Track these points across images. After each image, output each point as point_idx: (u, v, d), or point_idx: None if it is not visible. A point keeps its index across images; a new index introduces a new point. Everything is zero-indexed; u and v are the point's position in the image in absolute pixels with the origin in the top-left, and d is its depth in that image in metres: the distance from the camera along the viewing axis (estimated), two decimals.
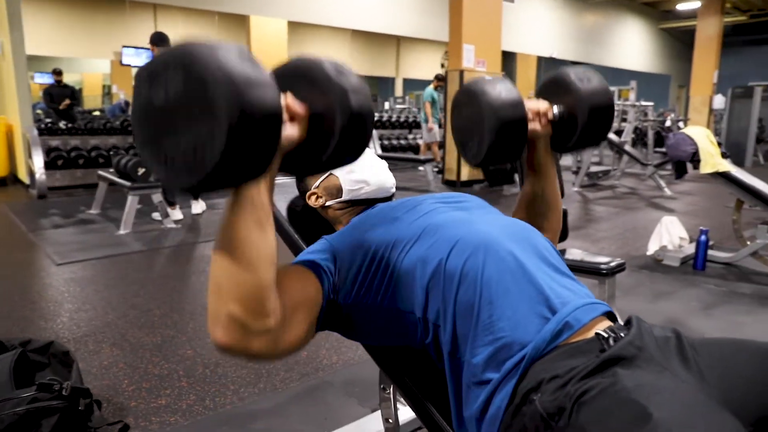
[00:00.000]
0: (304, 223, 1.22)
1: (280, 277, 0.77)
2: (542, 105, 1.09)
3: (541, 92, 1.14)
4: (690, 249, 3.63)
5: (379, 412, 1.68)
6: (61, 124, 6.46)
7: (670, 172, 7.70)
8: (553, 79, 1.13)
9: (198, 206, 4.97)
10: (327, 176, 1.11)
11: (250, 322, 0.70)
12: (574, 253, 2.44)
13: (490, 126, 1.00)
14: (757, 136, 10.03)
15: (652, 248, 3.71)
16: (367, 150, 1.13)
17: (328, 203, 1.12)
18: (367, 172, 1.10)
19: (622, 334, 0.78)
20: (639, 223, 4.94)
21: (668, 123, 9.71)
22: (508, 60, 14.46)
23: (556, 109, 1.09)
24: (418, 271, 0.86)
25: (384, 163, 1.16)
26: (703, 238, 3.44)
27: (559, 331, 0.78)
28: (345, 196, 1.10)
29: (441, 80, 7.79)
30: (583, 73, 1.10)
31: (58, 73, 7.86)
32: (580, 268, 2.28)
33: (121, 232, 4.23)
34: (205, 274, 3.31)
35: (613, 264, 2.27)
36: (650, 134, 7.41)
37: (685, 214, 5.23)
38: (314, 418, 1.81)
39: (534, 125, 1.08)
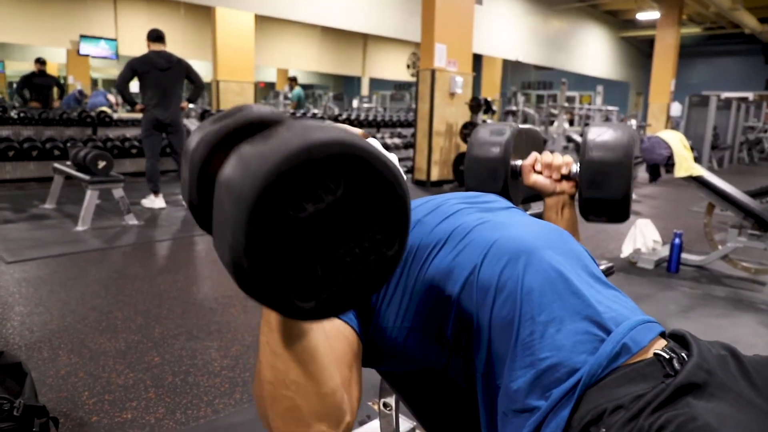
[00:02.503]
0: None
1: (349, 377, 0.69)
2: (558, 158, 1.03)
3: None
4: (663, 252, 3.67)
5: (368, 425, 1.58)
6: (13, 113, 6.06)
7: (634, 176, 7.88)
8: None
9: (158, 201, 4.80)
10: None
11: (335, 428, 0.62)
12: None
13: (467, 159, 1.06)
14: (713, 143, 10.38)
15: (626, 251, 3.73)
16: (378, 145, 1.02)
17: None
18: None
19: (683, 355, 0.68)
20: (609, 225, 4.99)
21: (633, 126, 9.96)
22: (475, 62, 14.59)
23: (576, 166, 1.02)
24: (446, 282, 0.75)
25: (393, 156, 1.05)
26: (677, 240, 3.47)
27: (616, 353, 0.67)
28: None
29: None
30: (601, 126, 1.02)
31: (41, 62, 7.55)
32: None
33: (79, 228, 3.98)
34: (171, 274, 3.12)
35: (602, 268, 2.24)
36: None
37: (651, 217, 5.29)
38: None
39: (538, 178, 1.02)
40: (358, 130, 1.06)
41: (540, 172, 1.06)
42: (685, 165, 3.53)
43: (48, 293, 2.78)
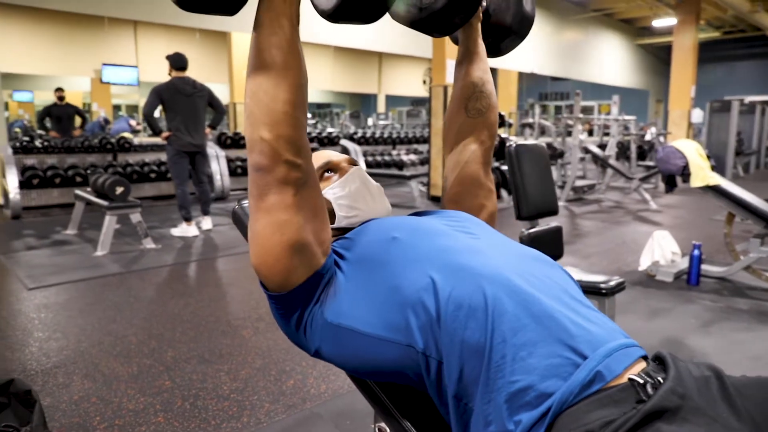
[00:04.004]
0: None
1: (315, 185, 0.83)
2: None
3: None
4: (683, 264, 3.59)
5: None
6: (37, 143, 6.26)
7: (654, 186, 7.75)
8: None
9: (191, 229, 4.81)
10: None
11: (280, 147, 0.76)
12: (571, 272, 2.36)
13: None
14: (736, 149, 10.16)
15: (644, 263, 3.65)
16: (363, 174, 1.03)
17: None
18: (362, 200, 0.99)
19: (659, 379, 0.68)
20: (627, 237, 4.91)
21: (648, 137, 9.81)
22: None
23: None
24: (417, 302, 0.75)
25: (380, 188, 1.05)
26: (696, 252, 3.39)
27: (589, 381, 0.67)
28: (338, 223, 0.98)
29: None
30: None
31: (60, 94, 7.78)
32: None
33: (98, 253, 4.06)
34: (185, 298, 3.16)
35: (612, 283, 2.20)
36: (633, 148, 7.45)
37: (672, 228, 5.21)
38: None
39: None
40: (343, 156, 1.07)
41: None
42: (702, 174, 3.47)
43: (66, 319, 2.84)
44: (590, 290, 2.17)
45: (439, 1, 0.97)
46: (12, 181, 5.56)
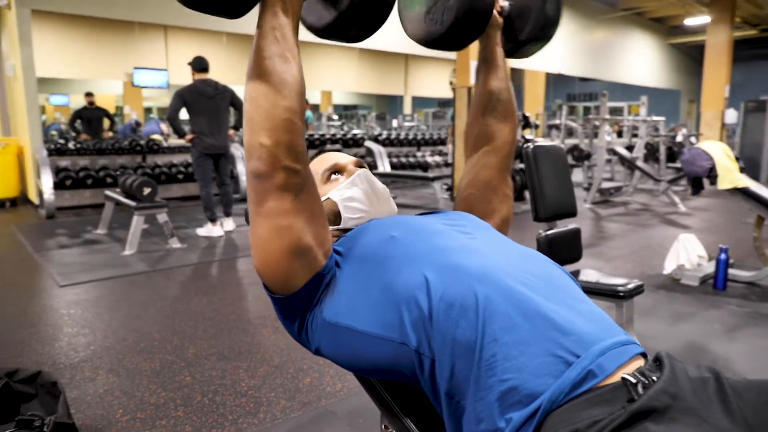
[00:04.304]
0: None
1: (313, 189, 0.84)
2: None
3: None
4: (709, 268, 3.50)
5: None
6: (70, 145, 6.47)
7: (684, 188, 7.57)
8: None
9: (216, 229, 4.90)
10: (324, 200, 1.02)
11: (279, 153, 0.77)
12: (589, 275, 2.34)
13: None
14: None
15: (669, 267, 3.58)
16: (369, 176, 1.05)
17: None
18: (368, 201, 1.00)
19: (654, 378, 0.67)
20: (654, 240, 4.81)
21: (679, 138, 9.58)
22: (516, 76, 14.46)
23: (505, 1, 1.11)
24: (411, 300, 0.76)
25: (387, 190, 1.07)
26: (723, 256, 3.31)
27: (581, 380, 0.67)
28: (344, 224, 1.00)
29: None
30: None
31: (90, 97, 8.06)
32: (595, 291, 2.18)
33: (126, 252, 4.18)
34: (208, 296, 3.24)
35: (630, 286, 2.17)
36: (662, 149, 7.30)
37: (701, 231, 5.10)
38: None
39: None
40: (351, 158, 1.09)
41: None
42: (729, 176, 3.39)
43: (94, 315, 2.93)
44: (607, 293, 2.15)
45: (444, 24, 1.01)
46: (47, 182, 5.76)
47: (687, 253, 3.54)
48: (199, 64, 4.76)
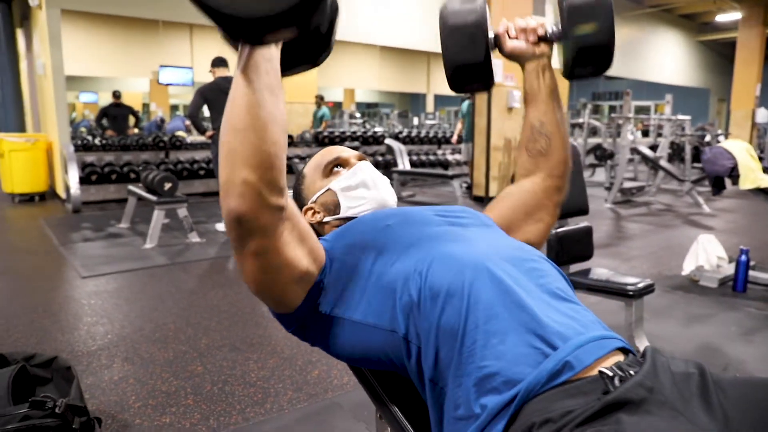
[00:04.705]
0: None
1: (295, 211, 0.80)
2: (532, 21, 1.01)
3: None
4: (729, 269, 3.43)
5: None
6: (96, 141, 6.64)
7: (708, 188, 7.40)
8: None
9: (223, 224, 4.98)
10: (325, 191, 1.04)
11: (264, 191, 0.70)
12: (599, 273, 2.32)
13: (442, 33, 1.00)
14: None
15: (687, 268, 3.52)
16: (368, 166, 1.07)
17: (325, 219, 1.05)
18: (367, 190, 1.02)
19: (631, 372, 0.68)
20: (674, 241, 4.73)
21: (708, 138, 9.37)
22: None
23: (551, 26, 1.01)
24: (401, 287, 0.78)
25: (385, 179, 1.09)
26: (743, 257, 3.24)
27: (557, 371, 0.68)
28: (343, 213, 1.02)
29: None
30: None
31: (116, 96, 8.30)
32: (604, 289, 2.17)
33: (147, 246, 4.28)
34: (224, 289, 3.30)
35: (640, 285, 2.15)
36: (688, 149, 7.14)
37: (725, 232, 4.99)
38: None
39: (515, 43, 1.01)
40: (354, 152, 1.11)
41: (516, 38, 1.04)
42: (752, 176, 3.32)
43: (113, 306, 3.02)
44: (616, 292, 2.13)
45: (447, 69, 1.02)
46: (73, 177, 5.92)
47: (706, 254, 3.47)
48: (218, 59, 4.86)
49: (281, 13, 0.58)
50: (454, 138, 7.99)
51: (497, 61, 6.75)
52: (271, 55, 0.72)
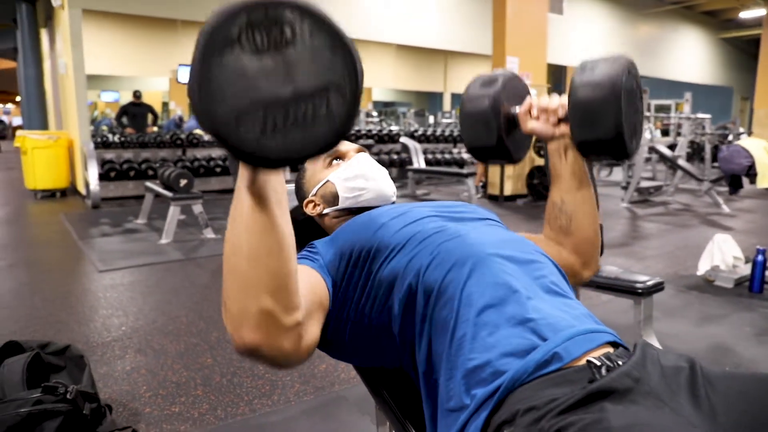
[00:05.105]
0: (305, 233, 1.18)
1: (304, 291, 0.72)
2: (554, 101, 0.99)
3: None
4: (745, 270, 3.38)
5: None
6: (115, 138, 6.77)
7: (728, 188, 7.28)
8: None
9: None
10: (324, 183, 1.06)
11: (282, 316, 0.63)
12: (609, 271, 2.31)
13: (460, 117, 1.03)
14: None
15: (702, 268, 3.47)
16: (366, 157, 1.09)
17: (325, 211, 1.06)
18: (365, 180, 1.04)
19: (620, 362, 0.68)
20: (691, 241, 4.66)
21: (731, 137, 9.21)
22: (559, 73, 14.16)
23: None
24: (397, 283, 0.79)
25: (384, 170, 1.10)
26: (759, 258, 3.18)
27: (545, 361, 0.68)
28: (342, 204, 1.04)
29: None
30: (589, 61, 0.95)
31: (136, 95, 8.48)
32: (613, 287, 2.15)
33: (163, 241, 4.35)
34: None
35: (650, 283, 2.13)
36: (707, 148, 7.03)
37: (743, 233, 4.90)
38: None
39: (534, 124, 1.00)
40: (353, 145, 1.13)
41: (537, 118, 1.02)
42: None
43: (128, 299, 3.08)
44: (625, 289, 2.11)
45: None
46: (93, 173, 6.04)
47: (722, 254, 3.42)
48: None
49: (312, 154, 0.56)
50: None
51: (513, 59, 6.73)
52: (280, 177, 0.66)
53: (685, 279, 3.48)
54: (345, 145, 1.10)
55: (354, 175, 1.04)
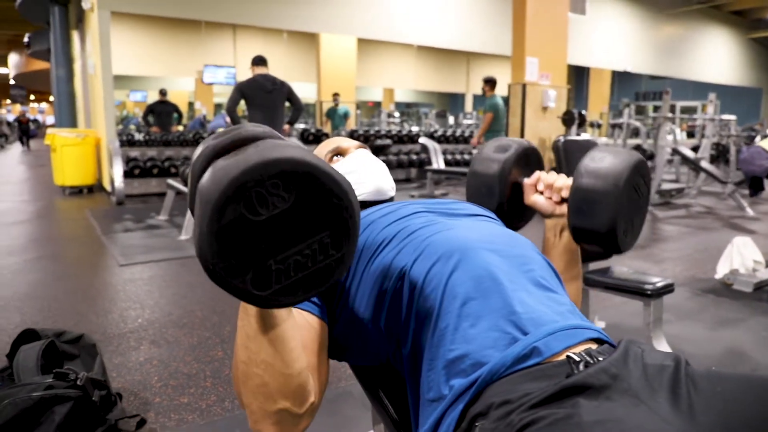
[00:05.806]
0: None
1: (307, 353, 0.77)
2: (561, 180, 1.01)
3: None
4: (766, 274, 3.31)
5: None
6: (140, 137, 6.93)
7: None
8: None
9: None
10: None
11: (299, 409, 0.70)
12: (619, 272, 2.29)
13: (468, 172, 1.09)
14: None
15: (721, 271, 3.41)
16: (366, 153, 1.11)
17: None
18: (363, 174, 1.06)
19: (600, 359, 0.67)
20: (712, 244, 4.57)
21: (758, 138, 8.99)
22: (581, 74, 13.99)
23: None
24: (384, 278, 0.80)
25: (383, 166, 1.12)
26: None
27: (524, 356, 0.68)
28: None
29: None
30: (601, 151, 0.95)
31: (162, 93, 8.67)
32: (621, 288, 2.13)
33: (182, 237, 4.45)
34: None
35: (659, 284, 2.10)
36: (732, 150, 6.87)
37: (766, 236, 4.79)
38: (328, 429, 1.79)
39: (536, 198, 1.03)
40: (354, 142, 1.15)
41: (542, 192, 1.05)
42: None
43: (146, 292, 3.16)
44: (633, 290, 2.09)
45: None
46: (118, 171, 6.19)
47: (741, 258, 3.36)
48: (257, 58, 4.94)
49: (319, 291, 0.61)
50: (474, 140, 7.41)
51: (533, 59, 6.68)
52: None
53: (702, 282, 3.42)
54: (346, 142, 1.12)
55: (352, 170, 1.05)
